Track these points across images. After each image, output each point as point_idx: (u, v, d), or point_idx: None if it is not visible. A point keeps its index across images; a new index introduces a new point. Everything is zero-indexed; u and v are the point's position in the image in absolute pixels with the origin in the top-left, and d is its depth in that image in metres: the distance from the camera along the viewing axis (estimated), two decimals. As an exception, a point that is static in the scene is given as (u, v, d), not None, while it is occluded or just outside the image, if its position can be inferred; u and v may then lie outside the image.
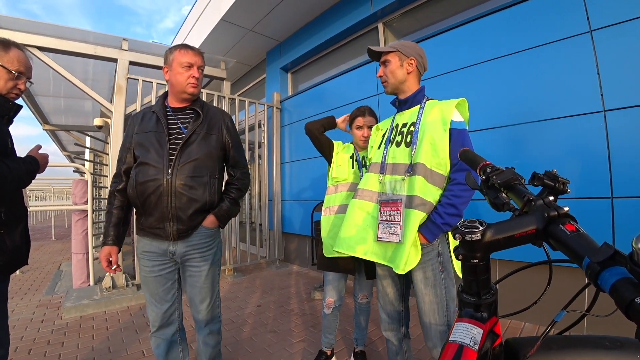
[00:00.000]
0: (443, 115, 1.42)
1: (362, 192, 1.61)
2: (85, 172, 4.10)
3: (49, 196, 18.27)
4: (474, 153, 0.95)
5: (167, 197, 1.53)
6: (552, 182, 0.66)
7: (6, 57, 1.39)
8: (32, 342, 2.65)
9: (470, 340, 0.63)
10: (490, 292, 0.69)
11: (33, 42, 3.32)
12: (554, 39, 2.55)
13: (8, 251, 1.36)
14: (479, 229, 0.63)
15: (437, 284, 1.40)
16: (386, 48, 1.57)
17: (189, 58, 1.59)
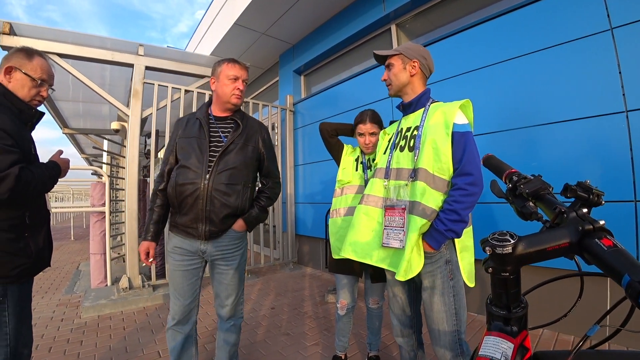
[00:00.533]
0: (446, 118, 1.39)
1: (368, 197, 1.60)
2: (103, 175, 4.19)
3: (68, 198, 18.77)
4: (498, 160, 0.93)
5: (202, 200, 1.65)
6: (586, 193, 0.64)
7: (30, 66, 1.43)
8: (53, 341, 2.72)
9: (502, 356, 0.62)
10: (520, 305, 0.67)
11: (53, 49, 3.42)
12: (572, 38, 2.49)
13: (32, 254, 1.39)
14: (510, 242, 0.61)
15: (446, 292, 1.37)
16: (389, 51, 1.57)
17: (236, 71, 1.72)
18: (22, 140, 1.34)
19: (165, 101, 4.02)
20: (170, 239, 1.78)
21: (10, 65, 1.39)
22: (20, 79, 1.41)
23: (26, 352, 1.39)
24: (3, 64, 1.41)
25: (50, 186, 1.47)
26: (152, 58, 3.94)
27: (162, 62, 4.01)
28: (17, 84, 1.41)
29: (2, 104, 1.34)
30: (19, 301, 1.34)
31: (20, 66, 1.41)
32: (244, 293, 1.90)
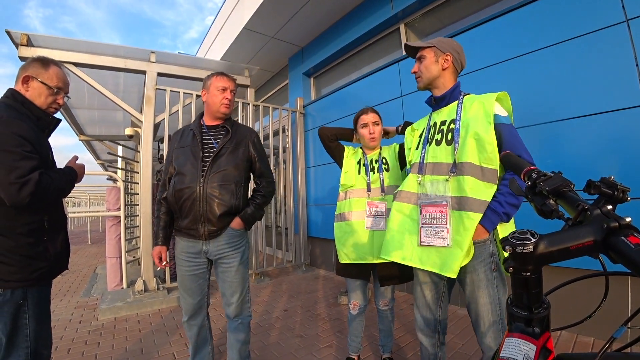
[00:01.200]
0: (485, 108, 1.36)
1: (401, 193, 1.57)
2: (118, 180, 4.27)
3: (84, 202, 19.19)
4: (517, 157, 0.91)
5: (199, 202, 1.77)
6: (610, 190, 0.61)
7: (46, 74, 1.47)
8: (71, 342, 2.78)
9: (524, 357, 0.60)
10: (542, 305, 0.65)
11: (69, 58, 3.51)
12: (587, 31, 2.44)
13: (51, 257, 1.43)
14: (531, 241, 0.59)
15: (490, 284, 1.35)
16: (422, 43, 1.54)
17: (224, 83, 1.87)
18: (41, 146, 1.39)
19: (177, 106, 4.08)
20: (177, 244, 1.90)
21: (27, 75, 1.44)
22: (37, 87, 1.45)
23: (46, 353, 1.42)
24: (21, 74, 1.45)
25: (68, 191, 1.52)
26: (163, 64, 4.01)
27: (173, 68, 4.08)
28: (35, 93, 1.45)
29: (21, 112, 1.39)
30: (39, 304, 1.38)
31: (37, 75, 1.45)
32: (250, 292, 1.99)
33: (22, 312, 1.32)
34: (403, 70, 3.86)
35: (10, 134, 1.27)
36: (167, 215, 1.93)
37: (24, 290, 1.33)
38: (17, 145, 1.27)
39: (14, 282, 1.30)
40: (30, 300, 1.34)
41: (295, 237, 5.38)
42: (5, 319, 1.29)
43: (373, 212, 1.96)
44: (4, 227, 1.29)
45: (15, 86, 1.46)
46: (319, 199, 5.26)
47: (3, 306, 1.29)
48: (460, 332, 2.70)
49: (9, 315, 1.29)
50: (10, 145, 1.26)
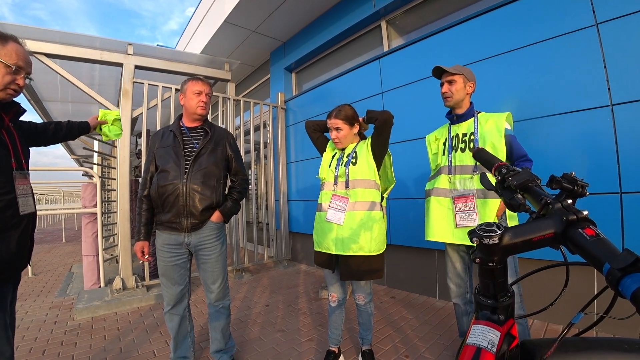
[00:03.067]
0: (497, 125, 1.82)
1: (437, 190, 1.98)
2: (94, 176, 4.15)
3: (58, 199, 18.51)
4: (488, 153, 0.95)
5: (182, 197, 1.91)
6: (570, 185, 0.65)
7: (3, 51, 1.30)
8: (46, 343, 2.70)
9: (488, 343, 0.63)
10: (507, 294, 0.69)
11: (41, 49, 3.37)
12: (558, 33, 2.54)
13: (2, 260, 1.29)
14: (496, 233, 0.62)
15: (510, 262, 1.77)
16: (454, 69, 1.93)
17: (199, 87, 2.00)
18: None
19: (156, 100, 3.99)
20: (158, 237, 2.01)
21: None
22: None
23: (3, 357, 1.32)
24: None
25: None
26: (141, 57, 3.91)
27: (151, 61, 3.98)
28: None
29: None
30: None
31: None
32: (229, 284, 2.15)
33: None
34: (384, 67, 3.90)
35: None
36: (148, 212, 2.02)
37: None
38: None
39: None
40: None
41: (276, 233, 5.38)
42: None
43: (334, 206, 2.00)
44: None
45: None
46: (300, 194, 5.27)
47: None
48: (438, 323, 2.78)
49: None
50: None
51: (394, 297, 3.53)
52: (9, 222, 1.32)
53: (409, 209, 3.61)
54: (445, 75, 1.95)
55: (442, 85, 1.97)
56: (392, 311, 3.11)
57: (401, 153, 3.67)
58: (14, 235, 1.34)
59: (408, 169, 3.60)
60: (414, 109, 3.54)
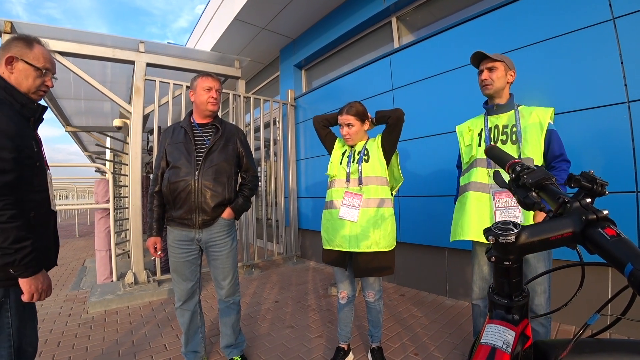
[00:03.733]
0: (540, 120, 1.72)
1: (475, 184, 1.84)
2: (107, 172, 4.21)
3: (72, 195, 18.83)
4: (501, 150, 0.93)
5: (194, 194, 1.91)
6: (589, 183, 0.63)
7: (32, 54, 1.34)
8: (61, 335, 2.76)
9: (503, 343, 0.62)
10: (522, 294, 0.67)
11: (55, 47, 3.43)
12: (574, 28, 2.48)
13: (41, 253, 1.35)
14: (513, 231, 0.61)
15: (544, 258, 1.66)
16: (495, 56, 1.81)
17: (209, 83, 2.00)
18: (22, 138, 1.27)
19: (167, 98, 4.03)
20: (169, 233, 2.03)
21: (10, 56, 1.30)
22: (24, 69, 1.33)
23: (30, 350, 1.38)
24: (3, 55, 1.31)
25: (2, 241, 1.18)
26: (153, 55, 3.94)
27: (163, 58, 4.02)
28: (21, 75, 1.33)
29: (2, 101, 1.26)
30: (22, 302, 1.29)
31: (21, 56, 1.32)
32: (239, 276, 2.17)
33: (3, 310, 1.26)
34: (394, 63, 3.87)
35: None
36: (160, 208, 2.04)
37: (5, 290, 1.25)
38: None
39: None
40: (13, 298, 1.27)
41: (285, 230, 5.40)
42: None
43: (348, 203, 2.00)
44: None
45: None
46: (310, 191, 5.28)
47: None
48: (448, 322, 2.76)
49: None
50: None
51: (403, 295, 3.52)
52: (45, 218, 1.42)
53: (420, 206, 3.59)
54: (486, 62, 1.83)
55: (481, 73, 1.85)
56: (401, 309, 3.10)
57: (412, 151, 3.65)
58: (48, 230, 1.45)
59: (418, 166, 3.58)
60: (425, 106, 3.51)
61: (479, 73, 1.87)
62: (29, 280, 1.25)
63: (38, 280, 1.28)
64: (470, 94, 2.96)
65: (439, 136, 3.37)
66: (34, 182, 1.35)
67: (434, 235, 3.43)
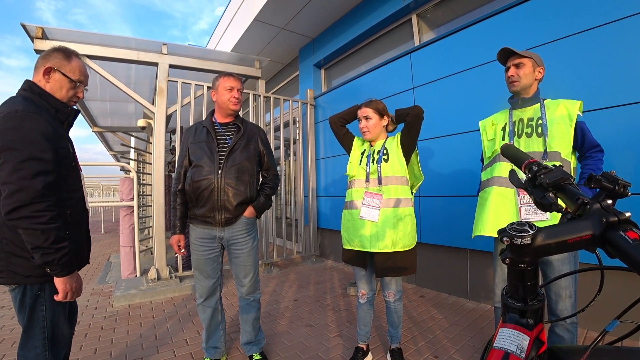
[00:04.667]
0: (569, 112, 1.66)
1: (499, 179, 1.77)
2: (131, 171, 4.34)
3: (98, 193, 19.53)
4: (517, 149, 0.90)
5: (217, 192, 1.95)
6: (611, 184, 0.61)
7: (69, 67, 1.42)
8: (88, 327, 2.87)
9: (517, 348, 0.60)
10: (537, 297, 0.65)
11: (83, 51, 3.55)
12: (603, 22, 2.37)
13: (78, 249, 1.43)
14: (529, 233, 0.59)
15: (569, 261, 1.60)
16: (523, 52, 1.77)
17: (231, 83, 2.02)
18: (59, 140, 1.35)
19: (189, 98, 4.11)
20: (192, 231, 2.07)
21: (49, 66, 1.38)
22: (59, 80, 1.40)
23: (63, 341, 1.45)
24: (42, 64, 1.38)
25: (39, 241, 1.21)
26: (175, 56, 4.03)
27: (185, 60, 4.10)
28: (56, 85, 1.40)
29: (39, 105, 1.33)
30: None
31: (59, 67, 1.40)
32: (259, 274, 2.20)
33: (39, 304, 1.32)
34: (415, 61, 3.82)
35: (24, 130, 1.21)
36: (183, 206, 2.07)
37: (41, 285, 1.32)
38: (29, 144, 1.20)
39: (35, 277, 1.30)
40: (48, 292, 1.33)
41: (305, 228, 5.42)
42: (24, 311, 1.31)
43: (368, 203, 2.00)
44: None
45: (33, 78, 1.40)
46: (329, 190, 5.28)
47: (23, 300, 1.30)
48: (469, 325, 2.71)
49: (28, 308, 1.30)
50: (20, 143, 1.19)
51: (423, 296, 3.47)
52: (81, 215, 1.51)
53: (440, 206, 3.54)
54: (513, 58, 1.79)
55: (508, 70, 1.80)
56: (421, 310, 3.06)
57: (433, 150, 3.59)
58: (82, 228, 1.52)
59: (440, 165, 3.52)
60: (446, 104, 3.45)
61: (506, 70, 1.82)
62: (64, 279, 1.31)
63: (72, 280, 1.34)
64: (494, 92, 2.89)
65: (461, 135, 3.31)
66: (70, 182, 1.42)
67: (455, 235, 3.37)
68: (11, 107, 1.24)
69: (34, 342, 1.33)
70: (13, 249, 1.27)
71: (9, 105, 1.27)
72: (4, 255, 1.27)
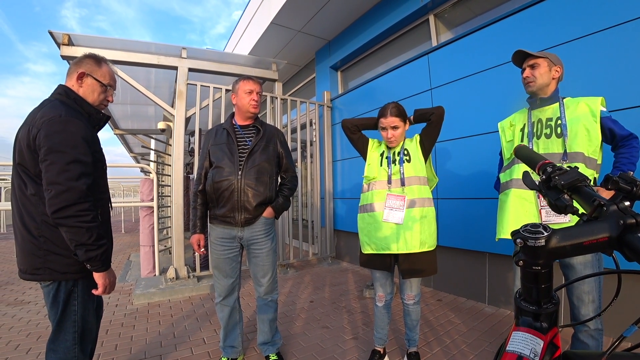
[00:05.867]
0: (591, 109, 1.62)
1: (518, 181, 1.74)
2: (151, 172, 4.44)
3: (118, 193, 20.06)
4: (531, 150, 0.89)
5: (237, 193, 1.98)
6: (629, 186, 0.59)
7: (100, 72, 1.51)
8: (109, 324, 2.94)
9: (530, 352, 0.59)
10: (551, 301, 0.64)
11: (107, 56, 3.58)
12: (622, 20, 2.30)
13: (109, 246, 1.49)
14: (543, 235, 0.58)
15: (592, 265, 1.56)
16: (537, 53, 1.76)
17: (250, 86, 2.06)
18: (95, 143, 1.44)
19: (207, 101, 4.18)
20: (212, 230, 2.11)
21: (82, 72, 1.46)
22: (91, 84, 1.49)
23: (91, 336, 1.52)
24: (75, 70, 1.47)
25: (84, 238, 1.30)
26: (194, 60, 4.11)
27: (203, 63, 4.17)
28: (88, 89, 1.49)
29: (75, 109, 1.42)
30: (89, 292, 1.44)
31: (91, 72, 1.49)
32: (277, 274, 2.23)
33: (72, 299, 1.40)
34: (433, 62, 3.78)
35: (68, 133, 1.30)
36: (203, 206, 2.12)
37: (75, 282, 1.40)
38: (73, 147, 1.29)
39: (70, 273, 1.37)
40: (80, 288, 1.41)
41: (321, 230, 5.42)
42: (57, 306, 1.38)
43: (391, 205, 1.98)
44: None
45: (67, 83, 1.48)
46: (346, 192, 5.27)
47: (57, 296, 1.37)
48: (488, 330, 2.65)
49: (62, 303, 1.38)
50: (65, 146, 1.27)
51: (440, 300, 3.42)
52: (108, 215, 1.59)
53: (458, 209, 3.48)
54: (528, 60, 1.78)
55: (524, 71, 1.80)
56: (438, 314, 3.01)
57: (451, 151, 3.54)
58: (109, 229, 1.58)
59: (458, 168, 3.47)
60: (465, 105, 3.40)
61: (522, 72, 1.81)
62: (104, 274, 1.39)
63: (110, 274, 1.42)
64: (512, 93, 2.82)
65: (480, 136, 3.25)
66: (101, 184, 1.51)
67: (474, 239, 3.31)
68: (54, 111, 1.32)
69: (65, 336, 1.40)
70: (51, 247, 1.34)
71: (49, 108, 1.34)
72: (43, 252, 1.34)
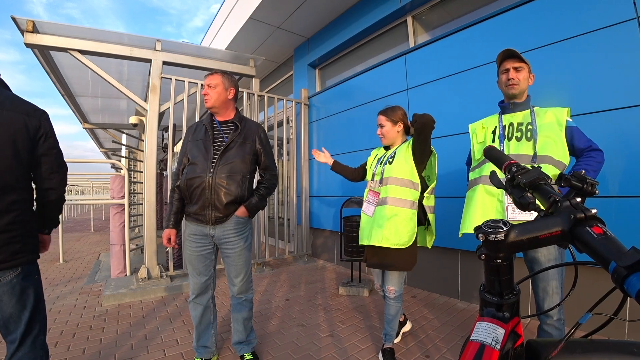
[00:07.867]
0: (557, 118, 1.73)
1: (487, 178, 1.79)
2: (122, 168, 4.28)
3: (88, 190, 19.27)
4: (498, 151, 0.96)
5: (208, 190, 1.95)
6: (579, 183, 0.65)
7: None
8: (76, 327, 2.82)
9: (492, 340, 0.63)
10: (512, 292, 0.68)
11: (74, 45, 3.50)
12: (595, 28, 2.42)
13: None
14: (502, 229, 0.62)
15: (555, 258, 1.65)
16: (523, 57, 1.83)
17: (205, 80, 2.04)
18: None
19: (182, 95, 4.07)
20: (186, 227, 2.09)
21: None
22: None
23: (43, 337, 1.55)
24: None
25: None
26: (169, 53, 3.99)
27: (179, 57, 4.06)
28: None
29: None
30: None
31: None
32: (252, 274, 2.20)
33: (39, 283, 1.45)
34: (409, 63, 3.84)
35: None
36: (180, 202, 2.10)
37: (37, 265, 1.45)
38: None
39: (36, 254, 1.44)
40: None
41: (297, 228, 5.41)
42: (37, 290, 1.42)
43: (369, 199, 2.22)
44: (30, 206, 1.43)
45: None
46: (322, 190, 5.27)
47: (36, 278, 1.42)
48: (460, 324, 2.73)
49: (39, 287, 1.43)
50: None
51: (414, 296, 3.49)
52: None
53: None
54: (515, 61, 1.81)
55: (507, 72, 1.82)
56: (413, 310, 3.07)
57: (425, 151, 3.61)
58: None
59: (432, 167, 3.54)
60: (440, 106, 3.47)
61: (503, 71, 1.84)
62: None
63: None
64: (486, 95, 2.92)
65: (453, 137, 3.33)
66: None
67: (446, 236, 3.39)
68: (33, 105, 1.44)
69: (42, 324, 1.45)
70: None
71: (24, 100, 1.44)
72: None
